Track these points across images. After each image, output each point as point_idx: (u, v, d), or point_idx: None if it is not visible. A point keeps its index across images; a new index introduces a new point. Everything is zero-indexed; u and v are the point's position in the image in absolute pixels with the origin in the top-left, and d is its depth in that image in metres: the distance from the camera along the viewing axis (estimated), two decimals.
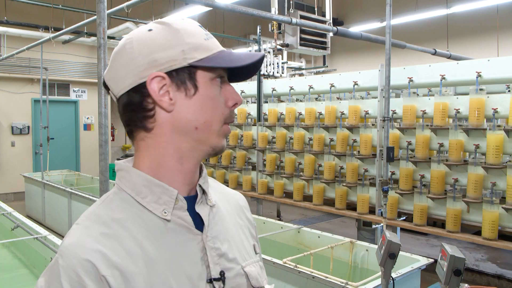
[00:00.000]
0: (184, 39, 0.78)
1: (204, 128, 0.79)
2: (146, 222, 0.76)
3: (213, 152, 0.82)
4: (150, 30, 0.79)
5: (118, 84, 0.78)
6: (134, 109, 0.78)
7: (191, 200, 0.82)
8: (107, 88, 0.82)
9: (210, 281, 0.78)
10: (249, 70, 0.85)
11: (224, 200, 0.92)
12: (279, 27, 5.81)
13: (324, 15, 5.53)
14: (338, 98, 5.14)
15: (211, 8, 5.72)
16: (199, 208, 0.82)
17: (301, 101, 5.56)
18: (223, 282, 0.80)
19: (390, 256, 1.91)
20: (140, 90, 0.77)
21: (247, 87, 6.11)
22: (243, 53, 0.82)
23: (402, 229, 4.50)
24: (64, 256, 0.71)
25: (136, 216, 0.76)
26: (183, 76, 0.77)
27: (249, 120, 5.91)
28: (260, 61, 0.81)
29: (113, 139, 10.95)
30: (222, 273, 0.80)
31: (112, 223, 0.75)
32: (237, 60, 0.79)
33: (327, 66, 11.24)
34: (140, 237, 0.74)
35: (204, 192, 0.84)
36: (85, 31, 7.40)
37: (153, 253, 0.74)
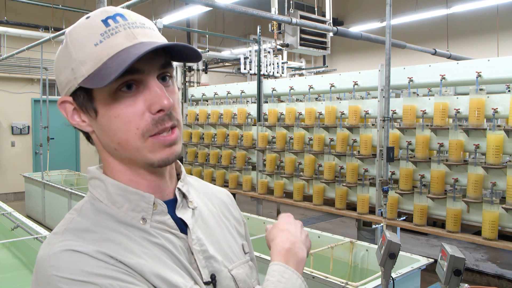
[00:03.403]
0: (72, 54, 0.69)
1: (122, 148, 0.71)
2: (128, 231, 0.71)
3: (153, 166, 0.72)
4: (62, 43, 0.73)
5: None
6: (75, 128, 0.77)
7: (172, 204, 0.78)
8: None
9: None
10: (186, 55, 0.73)
11: (207, 201, 0.88)
12: (279, 27, 5.80)
13: (324, 15, 5.53)
14: (338, 98, 5.14)
15: (211, 8, 5.72)
16: (180, 213, 0.78)
17: (301, 101, 5.56)
18: (214, 286, 0.77)
19: (390, 256, 1.91)
20: None
21: (247, 87, 6.11)
22: (136, 50, 0.65)
23: (402, 229, 4.49)
24: (56, 265, 0.64)
25: (117, 225, 0.71)
26: (80, 98, 0.70)
27: (249, 120, 5.91)
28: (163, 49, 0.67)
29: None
30: (213, 276, 0.77)
31: (97, 228, 0.70)
32: (115, 69, 0.64)
33: (327, 66, 11.24)
34: (128, 243, 0.70)
35: (184, 195, 0.81)
36: None
37: (143, 257, 0.70)
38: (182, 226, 0.78)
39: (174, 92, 0.74)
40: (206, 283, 0.75)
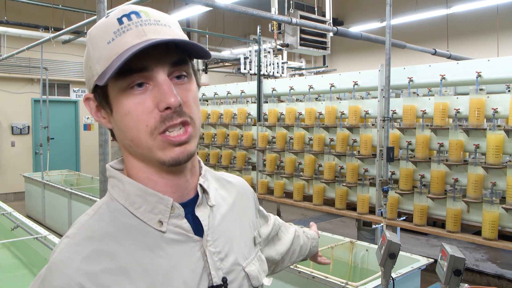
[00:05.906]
0: (90, 53, 0.71)
1: (135, 145, 0.72)
2: (142, 234, 0.71)
3: (165, 165, 0.72)
4: None
5: None
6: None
7: (192, 203, 0.78)
8: None
9: None
10: (196, 52, 0.73)
11: (224, 193, 0.88)
12: (279, 27, 5.80)
13: (324, 15, 5.53)
14: (338, 98, 5.14)
15: (211, 8, 5.72)
16: (199, 211, 0.78)
17: (301, 101, 5.55)
18: None
19: (390, 256, 1.91)
20: None
21: (247, 87, 6.11)
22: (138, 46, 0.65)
23: (402, 229, 4.49)
24: (53, 274, 0.67)
25: (130, 228, 0.71)
26: (98, 95, 0.73)
27: (249, 120, 5.91)
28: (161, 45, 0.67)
29: (113, 139, 10.95)
30: (224, 280, 0.76)
31: (105, 238, 0.69)
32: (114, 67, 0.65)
33: (327, 66, 11.24)
34: (135, 251, 0.69)
35: (204, 191, 0.81)
36: (85, 31, 7.40)
37: (150, 267, 0.69)
38: (200, 225, 0.77)
39: (188, 89, 0.73)
40: (216, 287, 0.75)
